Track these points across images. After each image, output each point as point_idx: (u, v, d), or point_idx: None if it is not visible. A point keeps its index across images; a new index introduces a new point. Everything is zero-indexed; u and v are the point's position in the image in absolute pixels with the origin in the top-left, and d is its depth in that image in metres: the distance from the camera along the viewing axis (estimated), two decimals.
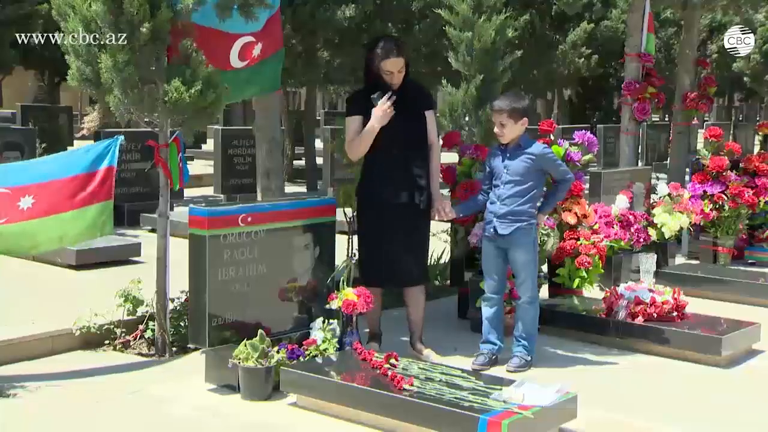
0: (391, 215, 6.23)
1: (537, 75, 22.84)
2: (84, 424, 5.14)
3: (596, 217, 8.09)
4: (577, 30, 22.67)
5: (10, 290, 7.28)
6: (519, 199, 6.17)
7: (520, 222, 6.18)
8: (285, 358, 5.57)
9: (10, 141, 12.06)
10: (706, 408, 5.69)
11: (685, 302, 7.14)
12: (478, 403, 4.89)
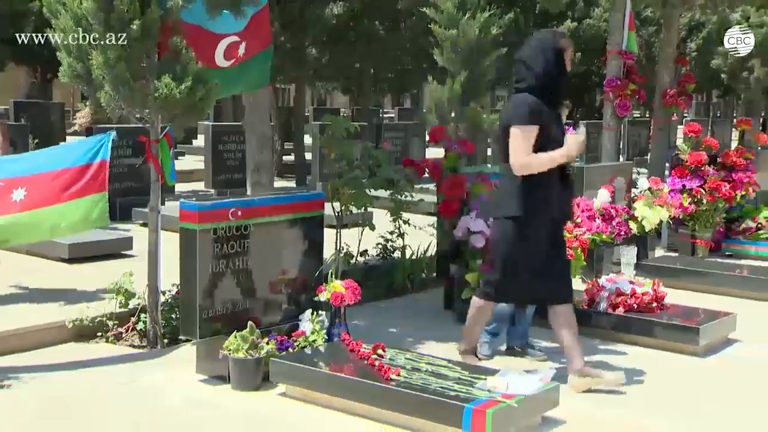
0: (557, 232, 5.82)
1: None
2: (76, 414, 5.13)
3: (578, 210, 8.11)
4: (561, 27, 22.71)
5: (3, 283, 7.24)
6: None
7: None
8: (274, 349, 5.57)
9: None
10: (685, 397, 5.72)
11: (664, 293, 7.16)
12: (464, 392, 4.91)
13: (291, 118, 20.12)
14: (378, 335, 6.22)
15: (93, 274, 8.17)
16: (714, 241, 10.45)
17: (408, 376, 5.16)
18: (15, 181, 5.92)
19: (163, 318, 6.37)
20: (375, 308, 7.27)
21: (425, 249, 8.58)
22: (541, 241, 5.64)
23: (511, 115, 5.60)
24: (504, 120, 5.67)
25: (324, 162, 13.92)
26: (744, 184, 10.47)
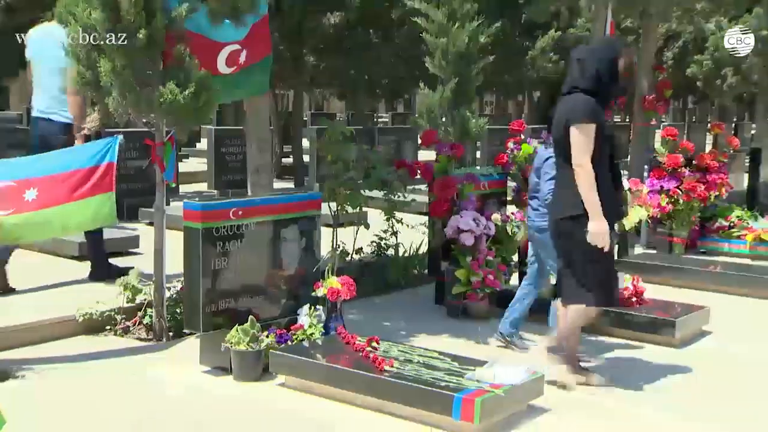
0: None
1: (508, 79, 22.91)
2: (85, 404, 5.12)
3: None
4: (545, 37, 22.73)
5: (17, 280, 7.22)
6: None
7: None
8: (274, 342, 5.58)
9: (14, 141, 12.01)
10: (664, 385, 5.73)
11: (643, 288, 7.17)
12: (454, 382, 4.92)
13: (290, 122, 20.14)
14: (372, 329, 6.22)
15: None
16: (690, 239, 10.48)
17: (401, 367, 5.17)
18: (28, 182, 5.89)
19: (168, 312, 6.34)
20: (369, 303, 7.26)
21: (417, 247, 8.58)
22: (610, 241, 5.37)
23: (571, 114, 5.40)
24: (562, 119, 5.45)
25: (321, 164, 13.88)
26: (717, 185, 10.51)
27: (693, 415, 5.17)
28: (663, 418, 5.11)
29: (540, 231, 6.08)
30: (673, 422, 5.04)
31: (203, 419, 4.95)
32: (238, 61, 6.80)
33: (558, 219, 5.56)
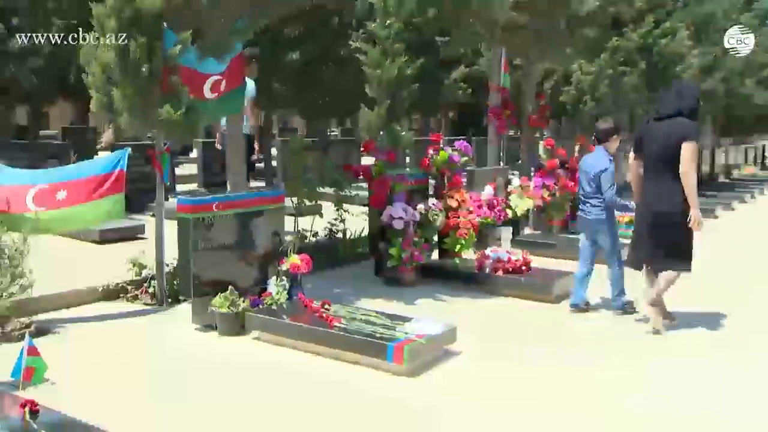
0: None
1: (429, 102, 22.96)
2: (106, 352, 5.11)
3: (471, 201, 8.13)
4: (456, 71, 22.82)
5: (51, 260, 7.09)
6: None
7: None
8: (249, 305, 5.54)
9: (54, 152, 11.95)
10: (546, 331, 5.81)
11: (530, 260, 7.26)
12: (388, 334, 4.93)
13: (261, 135, 19.97)
14: (325, 295, 6.18)
15: (116, 252, 7.99)
16: (564, 222, 10.60)
17: (347, 323, 5.16)
18: (59, 185, 5.89)
19: (168, 283, 6.29)
20: (323, 275, 7.22)
21: (360, 231, 8.54)
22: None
23: (686, 134, 5.57)
24: (676, 135, 5.59)
25: (286, 168, 13.79)
26: None
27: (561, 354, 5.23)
28: (542, 354, 5.15)
29: (599, 223, 6.25)
30: (550, 359, 5.09)
31: (196, 364, 4.90)
32: (220, 89, 6.76)
33: (667, 211, 5.67)
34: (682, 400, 4.40)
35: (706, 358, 5.21)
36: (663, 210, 5.70)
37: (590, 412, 4.21)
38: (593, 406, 4.30)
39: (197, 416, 4.06)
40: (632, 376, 4.83)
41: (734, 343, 5.61)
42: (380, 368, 4.73)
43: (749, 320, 6.26)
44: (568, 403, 4.33)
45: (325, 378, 4.66)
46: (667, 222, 5.69)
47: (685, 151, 5.55)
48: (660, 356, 5.23)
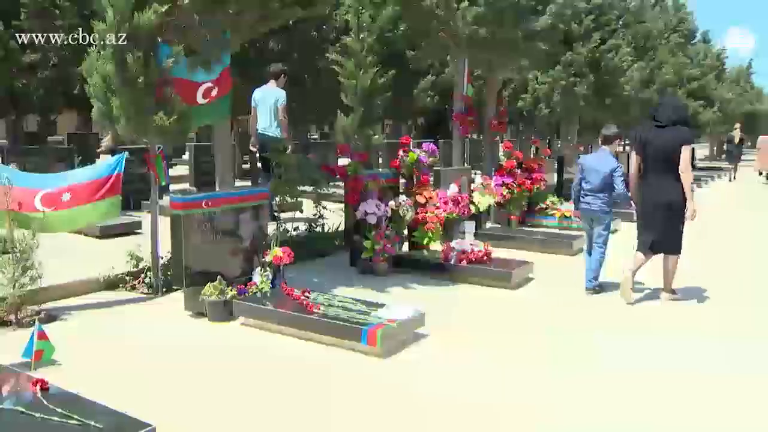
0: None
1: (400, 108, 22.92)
2: (108, 335, 5.08)
3: (438, 198, 8.13)
4: (424, 81, 22.79)
5: (58, 253, 6.98)
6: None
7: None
8: (236, 294, 5.49)
9: (60, 156, 11.90)
10: (504, 314, 5.80)
11: (492, 250, 7.27)
12: (362, 319, 4.90)
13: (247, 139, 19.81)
14: (305, 284, 6.15)
15: (116, 245, 7.89)
16: (521, 216, 10.65)
17: (326, 310, 5.12)
18: (64, 188, 5.88)
19: (162, 274, 6.23)
20: (303, 266, 7.16)
21: (337, 226, 8.50)
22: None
23: (684, 140, 5.98)
24: (675, 141, 5.98)
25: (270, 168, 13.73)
26: (538, 181, 10.72)
27: (520, 333, 5.25)
28: (503, 334, 5.16)
29: (603, 213, 6.47)
30: (510, 337, 5.10)
31: (188, 347, 4.85)
32: (211, 95, 6.72)
33: (669, 202, 6.03)
34: (629, 373, 4.44)
35: (657, 336, 5.26)
36: (665, 201, 6.05)
37: (546, 382, 4.23)
38: (549, 377, 4.31)
39: (190, 393, 4.01)
40: (584, 348, 4.86)
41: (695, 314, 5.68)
42: (356, 350, 4.71)
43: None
44: (527, 376, 4.34)
45: (305, 359, 4.62)
46: (669, 211, 6.06)
47: (685, 153, 5.96)
48: (608, 331, 5.27)
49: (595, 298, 6.41)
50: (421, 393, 4.08)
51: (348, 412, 3.81)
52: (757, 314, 6.02)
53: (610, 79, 18.66)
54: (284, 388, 4.12)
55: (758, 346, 5.09)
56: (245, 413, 3.77)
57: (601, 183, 6.41)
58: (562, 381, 4.32)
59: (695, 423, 3.76)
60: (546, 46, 10.87)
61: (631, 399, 4.06)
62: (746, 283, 7.19)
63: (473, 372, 4.44)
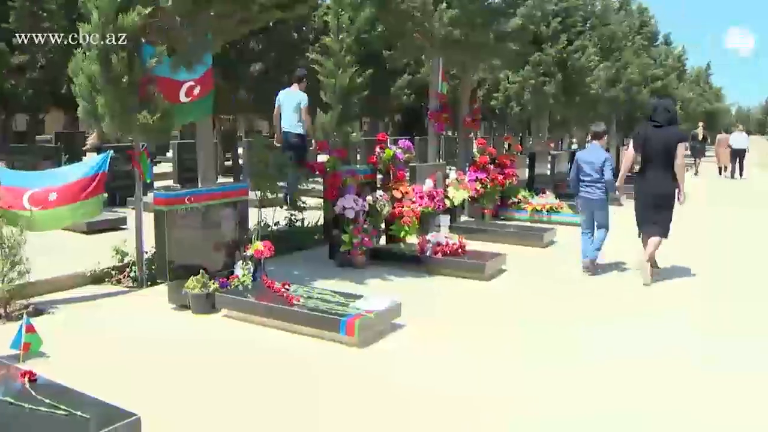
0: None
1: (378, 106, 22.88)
2: (94, 328, 5.04)
3: (414, 193, 8.15)
4: (401, 79, 22.78)
5: (45, 249, 6.88)
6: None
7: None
8: (218, 287, 5.47)
9: (47, 154, 11.77)
10: (478, 305, 5.83)
11: (466, 243, 7.30)
12: (341, 310, 4.91)
13: (229, 136, 19.69)
14: (285, 276, 6.15)
15: (102, 240, 7.87)
16: (494, 210, 10.71)
17: (305, 301, 5.13)
18: (50, 188, 5.83)
19: (147, 268, 6.19)
20: (283, 259, 7.15)
21: (317, 220, 8.49)
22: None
23: (677, 138, 6.70)
24: (672, 140, 6.66)
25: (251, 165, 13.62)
26: (510, 176, 10.78)
27: (495, 322, 5.29)
28: (476, 324, 5.20)
29: (602, 201, 7.07)
30: (484, 327, 5.14)
31: (172, 338, 4.82)
32: (193, 93, 6.66)
33: (665, 192, 6.71)
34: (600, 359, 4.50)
35: (630, 325, 5.33)
36: (663, 192, 6.73)
37: (520, 373, 4.27)
38: (523, 368, 4.36)
39: (173, 384, 4.00)
40: (556, 338, 4.91)
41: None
42: (335, 340, 4.71)
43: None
44: (502, 367, 4.37)
45: (285, 349, 4.62)
46: (665, 200, 6.74)
47: (680, 150, 6.69)
48: (580, 321, 5.34)
49: (566, 288, 6.48)
50: (399, 383, 4.10)
51: (327, 402, 3.81)
52: (726, 307, 6.13)
53: (577, 79, 18.78)
54: (265, 378, 4.12)
55: (728, 335, 5.19)
56: (228, 403, 3.76)
57: (598, 173, 7.00)
58: (535, 371, 4.36)
59: (670, 411, 3.83)
60: (516, 46, 10.93)
61: (605, 388, 4.11)
62: (716, 273, 7.32)
63: (449, 362, 4.46)
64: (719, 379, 4.25)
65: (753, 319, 5.59)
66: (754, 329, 5.31)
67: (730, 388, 4.10)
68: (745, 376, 4.31)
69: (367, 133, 24.50)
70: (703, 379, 4.24)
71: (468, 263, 6.83)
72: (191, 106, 6.74)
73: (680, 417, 3.68)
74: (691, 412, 3.75)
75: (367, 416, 3.63)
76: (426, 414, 3.66)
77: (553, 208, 10.72)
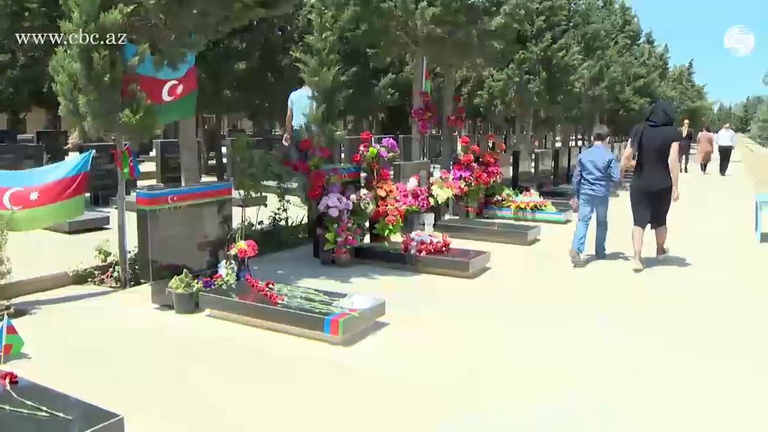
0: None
1: (361, 105, 22.89)
2: (76, 329, 5.01)
3: (398, 191, 8.17)
4: (385, 78, 22.80)
5: (27, 249, 6.84)
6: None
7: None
8: (202, 286, 5.46)
9: (29, 153, 11.68)
10: (463, 303, 5.86)
11: (450, 241, 7.32)
12: (325, 309, 4.91)
13: (213, 135, 19.62)
14: (269, 275, 6.14)
15: (84, 240, 7.81)
16: (478, 208, 10.75)
17: (289, 301, 5.13)
18: (31, 188, 5.79)
19: (130, 268, 6.17)
20: (267, 258, 7.15)
21: (301, 219, 8.49)
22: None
23: (675, 137, 7.18)
24: (667, 139, 7.08)
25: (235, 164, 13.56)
26: (494, 174, 10.82)
27: (479, 320, 5.33)
28: (460, 322, 5.23)
29: (605, 198, 7.60)
30: (467, 326, 5.17)
31: (156, 338, 4.81)
32: (176, 92, 6.62)
33: (662, 188, 7.13)
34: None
35: (611, 322, 5.38)
36: (660, 188, 7.15)
37: (503, 363, 4.30)
38: (506, 359, 4.39)
39: (157, 384, 3.98)
40: (538, 334, 4.96)
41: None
42: (319, 339, 4.71)
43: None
44: (485, 358, 4.40)
45: (270, 348, 4.62)
46: (662, 195, 7.19)
47: (674, 148, 7.09)
48: (562, 317, 5.39)
49: (550, 286, 6.53)
50: (383, 380, 4.11)
51: (310, 398, 3.82)
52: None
53: (561, 77, 18.92)
54: (250, 377, 4.11)
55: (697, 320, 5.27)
56: (212, 402, 3.76)
57: (600, 172, 7.46)
58: (519, 368, 4.40)
59: (650, 406, 3.88)
60: (500, 44, 10.97)
61: (591, 385, 4.16)
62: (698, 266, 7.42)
63: (434, 359, 4.48)
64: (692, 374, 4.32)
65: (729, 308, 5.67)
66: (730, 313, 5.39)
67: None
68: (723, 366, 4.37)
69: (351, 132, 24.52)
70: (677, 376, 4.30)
71: (452, 261, 6.86)
72: (174, 105, 6.70)
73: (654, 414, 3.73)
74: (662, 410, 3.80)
75: (350, 412, 3.64)
76: (409, 409, 3.68)
77: (537, 206, 10.79)
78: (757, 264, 7.72)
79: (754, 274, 7.18)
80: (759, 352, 4.73)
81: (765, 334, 5.14)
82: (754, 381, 4.20)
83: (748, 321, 5.47)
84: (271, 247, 7.58)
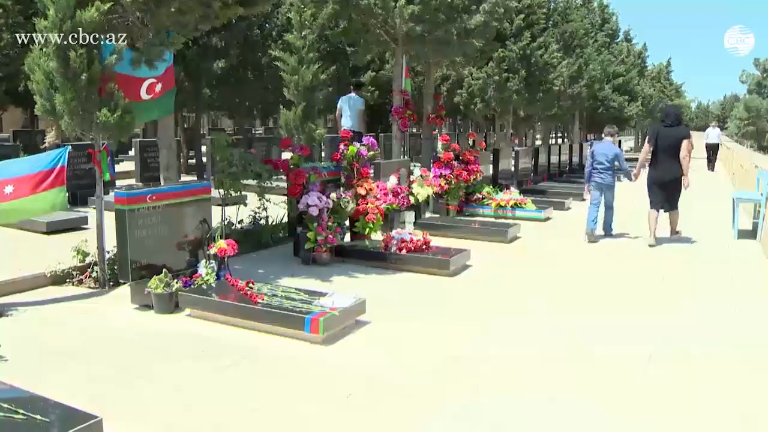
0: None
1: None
2: (56, 330, 4.97)
3: (378, 190, 8.18)
4: (365, 75, 22.77)
5: (3, 250, 6.79)
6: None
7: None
8: (181, 286, 5.44)
9: (4, 153, 11.48)
10: (442, 300, 5.89)
11: (430, 239, 7.35)
12: (305, 308, 4.91)
13: (193, 134, 19.49)
14: (249, 275, 6.13)
15: (62, 241, 7.74)
16: (459, 206, 10.79)
17: (269, 300, 5.13)
18: (6, 180, 5.69)
19: (109, 268, 6.12)
20: (247, 257, 7.14)
21: (281, 218, 8.47)
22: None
23: (682, 135, 8.34)
24: (679, 137, 8.32)
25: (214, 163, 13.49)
26: (474, 172, 10.88)
27: (458, 317, 5.36)
28: (440, 319, 5.26)
29: (611, 184, 8.95)
30: (447, 323, 5.20)
31: (135, 338, 4.78)
32: (155, 90, 6.58)
33: (674, 178, 8.39)
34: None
35: (594, 317, 5.44)
36: (672, 178, 8.41)
37: (483, 359, 4.33)
38: (486, 355, 4.43)
39: (136, 385, 3.95)
40: (520, 331, 5.00)
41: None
42: (299, 338, 4.72)
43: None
44: (466, 355, 4.43)
45: (249, 346, 4.61)
46: (674, 184, 8.45)
47: (685, 145, 8.30)
48: (544, 313, 5.44)
49: (531, 282, 6.59)
50: (363, 378, 4.12)
51: (292, 399, 3.82)
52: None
53: (540, 75, 19.03)
54: (230, 377, 4.10)
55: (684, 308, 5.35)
56: (190, 402, 3.74)
57: (609, 163, 8.82)
58: (499, 363, 4.43)
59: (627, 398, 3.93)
60: (480, 43, 11.02)
61: (559, 385, 4.21)
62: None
63: (415, 356, 4.50)
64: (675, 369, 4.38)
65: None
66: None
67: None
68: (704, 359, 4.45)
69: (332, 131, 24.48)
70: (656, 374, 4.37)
71: (432, 259, 6.89)
72: (153, 104, 6.65)
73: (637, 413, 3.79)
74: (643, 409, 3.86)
75: (333, 410, 3.65)
76: (391, 405, 3.69)
77: (517, 203, 10.85)
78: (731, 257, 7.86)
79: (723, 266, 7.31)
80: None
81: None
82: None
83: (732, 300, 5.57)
84: (251, 246, 7.56)
